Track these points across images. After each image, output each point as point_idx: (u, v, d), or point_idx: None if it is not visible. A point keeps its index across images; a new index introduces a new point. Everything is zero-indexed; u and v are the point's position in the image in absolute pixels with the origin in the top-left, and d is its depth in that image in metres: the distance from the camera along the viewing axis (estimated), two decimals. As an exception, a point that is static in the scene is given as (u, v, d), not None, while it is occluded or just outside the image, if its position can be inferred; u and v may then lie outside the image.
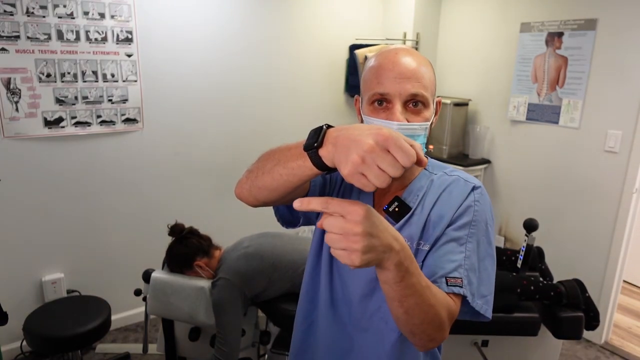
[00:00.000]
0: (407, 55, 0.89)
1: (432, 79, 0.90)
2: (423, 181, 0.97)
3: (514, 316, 1.80)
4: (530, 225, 1.96)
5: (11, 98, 2.33)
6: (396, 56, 0.89)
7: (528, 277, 1.87)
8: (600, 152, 2.77)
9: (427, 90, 0.88)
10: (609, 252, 2.79)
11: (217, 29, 2.90)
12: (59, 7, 2.36)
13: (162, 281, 1.91)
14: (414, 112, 0.88)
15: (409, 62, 0.88)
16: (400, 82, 0.86)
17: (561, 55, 2.88)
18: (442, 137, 3.41)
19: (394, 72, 0.87)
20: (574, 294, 1.81)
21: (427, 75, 0.89)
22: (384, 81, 0.88)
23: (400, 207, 0.93)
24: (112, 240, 2.81)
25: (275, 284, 1.91)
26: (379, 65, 0.90)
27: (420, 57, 0.91)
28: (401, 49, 0.91)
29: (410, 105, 0.88)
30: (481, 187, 0.94)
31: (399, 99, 0.87)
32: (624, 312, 3.25)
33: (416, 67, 0.88)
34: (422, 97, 0.87)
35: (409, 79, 0.86)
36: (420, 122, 0.89)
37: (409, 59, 0.88)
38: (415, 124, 0.88)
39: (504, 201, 3.39)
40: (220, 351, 1.76)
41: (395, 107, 0.87)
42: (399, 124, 0.86)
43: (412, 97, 0.87)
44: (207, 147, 3.04)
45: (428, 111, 0.90)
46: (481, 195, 0.93)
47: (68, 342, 1.97)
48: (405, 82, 0.86)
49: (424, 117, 0.89)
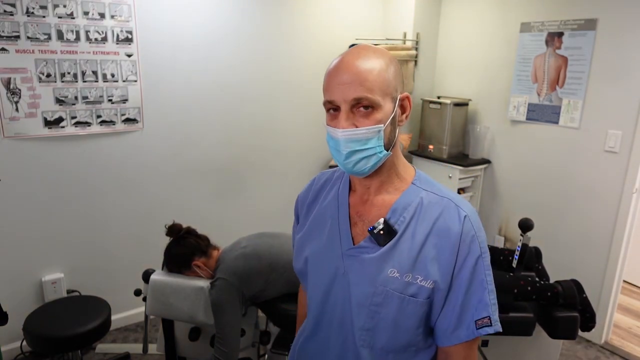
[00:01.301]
0: (354, 58, 0.86)
1: (383, 78, 0.85)
2: (411, 198, 0.93)
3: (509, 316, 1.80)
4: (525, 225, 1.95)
5: (11, 98, 2.33)
6: (341, 62, 0.87)
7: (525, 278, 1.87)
8: (600, 152, 2.77)
9: (374, 91, 0.84)
10: (609, 252, 2.79)
11: (217, 29, 2.90)
12: (59, 7, 2.36)
13: (161, 281, 1.91)
14: (363, 115, 0.85)
15: (353, 65, 0.85)
16: (342, 87, 0.84)
17: (561, 55, 2.88)
18: (442, 137, 3.41)
19: (337, 79, 0.85)
20: (571, 294, 1.81)
21: (374, 76, 0.84)
22: (330, 88, 0.87)
23: (386, 230, 0.90)
24: (112, 240, 2.81)
25: (273, 285, 1.90)
26: (328, 72, 0.89)
27: (371, 56, 0.86)
28: (350, 52, 0.88)
29: (360, 108, 0.85)
30: (473, 211, 0.93)
31: (344, 105, 0.85)
32: (624, 312, 3.25)
33: (360, 70, 0.84)
34: (367, 100, 0.84)
35: (351, 83, 0.84)
36: (371, 125, 0.85)
37: (355, 61, 0.85)
38: (363, 128, 0.85)
39: (504, 201, 3.39)
40: (220, 351, 1.76)
41: (341, 114, 0.85)
42: (342, 130, 0.85)
43: (357, 102, 0.84)
44: (206, 147, 3.04)
45: (380, 113, 0.85)
46: (477, 220, 0.91)
47: (68, 342, 1.96)
48: (347, 87, 0.84)
49: (375, 119, 0.85)
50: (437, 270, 0.88)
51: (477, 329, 0.89)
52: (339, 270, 0.95)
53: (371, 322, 0.91)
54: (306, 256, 1.02)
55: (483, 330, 0.89)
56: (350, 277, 0.93)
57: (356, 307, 0.92)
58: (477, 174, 3.46)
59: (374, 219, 0.93)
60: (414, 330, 0.91)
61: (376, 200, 0.95)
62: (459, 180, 3.32)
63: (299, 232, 1.08)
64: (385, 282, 0.89)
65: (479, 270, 0.89)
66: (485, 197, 3.50)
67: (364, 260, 0.92)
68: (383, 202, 0.94)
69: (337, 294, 0.96)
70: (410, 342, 0.92)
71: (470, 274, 0.89)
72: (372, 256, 0.91)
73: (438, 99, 3.46)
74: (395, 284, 0.89)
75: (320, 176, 1.11)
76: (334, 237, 0.97)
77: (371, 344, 0.92)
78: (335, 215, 0.99)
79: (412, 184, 0.95)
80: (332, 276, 0.96)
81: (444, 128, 3.38)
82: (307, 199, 1.09)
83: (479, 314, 0.89)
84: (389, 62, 0.88)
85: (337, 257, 0.96)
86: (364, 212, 0.96)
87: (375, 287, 0.90)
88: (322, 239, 1.00)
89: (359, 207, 0.97)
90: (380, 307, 0.90)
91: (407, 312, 0.89)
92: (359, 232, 0.95)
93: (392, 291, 0.89)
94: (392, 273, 0.89)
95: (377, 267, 0.90)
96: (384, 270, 0.90)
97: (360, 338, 0.93)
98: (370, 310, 0.91)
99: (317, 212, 1.04)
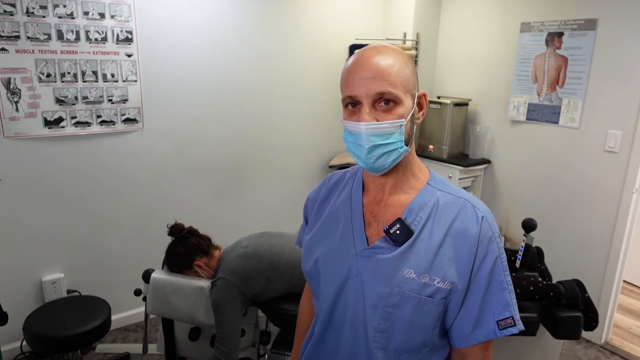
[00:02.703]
0: (375, 54, 0.87)
1: (404, 74, 0.87)
2: (427, 198, 0.92)
3: None
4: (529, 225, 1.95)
5: (11, 98, 2.33)
6: (362, 57, 0.87)
7: (527, 278, 1.87)
8: (600, 152, 2.77)
9: (397, 86, 0.85)
10: (609, 252, 2.79)
11: (217, 29, 2.90)
12: (59, 7, 2.36)
13: (161, 281, 1.91)
14: (385, 110, 0.86)
15: (375, 61, 0.86)
16: (365, 82, 0.85)
17: (561, 55, 2.88)
18: (442, 137, 3.41)
19: (359, 74, 0.86)
20: (573, 294, 1.81)
21: (396, 71, 0.86)
22: (351, 83, 0.87)
23: (402, 230, 0.89)
24: (112, 240, 2.81)
25: (274, 284, 1.90)
26: (347, 68, 0.89)
27: (390, 53, 0.88)
28: (369, 48, 0.89)
29: (381, 104, 0.86)
30: (489, 212, 0.93)
31: (366, 99, 0.85)
32: (624, 312, 3.25)
33: (382, 65, 0.85)
34: (390, 94, 0.85)
35: (374, 78, 0.84)
36: (393, 119, 0.86)
37: (375, 57, 0.86)
38: (385, 122, 0.85)
39: (504, 201, 3.39)
40: (220, 351, 1.76)
41: (363, 108, 0.86)
42: (366, 124, 0.85)
43: (380, 96, 0.85)
44: (207, 146, 3.04)
45: (402, 108, 0.86)
46: (493, 221, 0.91)
47: (68, 342, 1.96)
48: (370, 82, 0.84)
49: (397, 114, 0.86)
50: (455, 271, 0.87)
51: (500, 329, 0.88)
52: (352, 271, 0.93)
53: (386, 323, 0.90)
54: (316, 257, 1.00)
55: (507, 330, 0.89)
56: (365, 278, 0.92)
57: (370, 308, 0.91)
58: (477, 174, 3.46)
59: (389, 219, 0.92)
60: (430, 331, 0.90)
61: (391, 200, 0.94)
62: (459, 180, 3.33)
63: (308, 233, 1.06)
64: (401, 283, 0.88)
65: (497, 271, 0.89)
66: (485, 197, 3.50)
67: (379, 261, 0.91)
68: (399, 201, 0.93)
69: (348, 296, 0.94)
70: (426, 343, 0.92)
71: (489, 274, 0.88)
72: (388, 256, 0.90)
73: (438, 99, 3.46)
74: (411, 285, 0.88)
75: (332, 176, 1.10)
76: (346, 238, 0.96)
77: (385, 345, 0.91)
78: (349, 216, 0.97)
79: (427, 183, 0.94)
80: (345, 277, 0.94)
81: (444, 128, 3.38)
82: (317, 199, 1.08)
83: (501, 314, 0.89)
84: (408, 60, 0.90)
85: (351, 257, 0.94)
86: (379, 212, 0.95)
87: (391, 287, 0.89)
88: (334, 239, 0.98)
89: (372, 207, 0.96)
90: (396, 308, 0.89)
91: (423, 313, 0.88)
92: (374, 233, 0.94)
93: (409, 292, 0.88)
94: (409, 274, 0.88)
95: (393, 268, 0.89)
96: (400, 271, 0.88)
97: (374, 340, 0.91)
98: (385, 312, 0.90)
99: (328, 212, 1.02)
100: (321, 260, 0.99)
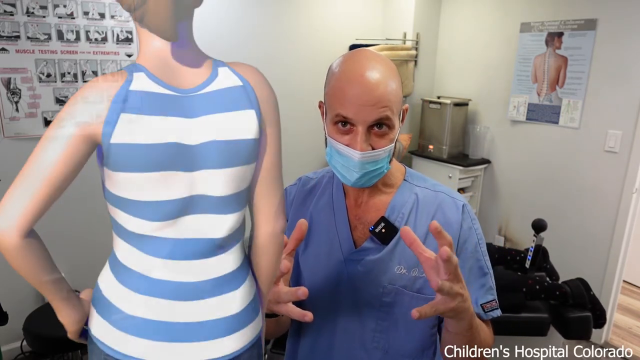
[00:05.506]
0: (374, 72, 0.81)
1: (398, 92, 0.83)
2: (406, 195, 0.93)
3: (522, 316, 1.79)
4: (539, 226, 1.96)
5: (11, 98, 2.33)
6: (362, 76, 0.81)
7: (533, 277, 1.87)
8: (600, 152, 2.77)
9: (394, 110, 0.82)
10: (609, 252, 2.79)
11: (217, 29, 2.90)
12: (59, 7, 2.36)
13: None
14: (378, 134, 0.83)
15: (376, 83, 0.80)
16: (365, 108, 0.80)
17: (561, 55, 2.88)
18: (442, 137, 3.41)
19: (359, 98, 0.80)
20: (579, 293, 1.82)
21: (394, 92, 0.82)
22: (348, 105, 0.81)
23: (387, 228, 0.89)
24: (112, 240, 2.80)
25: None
26: (339, 80, 0.84)
27: (386, 68, 0.83)
28: (366, 63, 0.82)
29: (375, 128, 0.83)
30: (465, 201, 0.95)
31: (362, 125, 0.82)
32: (624, 312, 3.25)
33: (383, 89, 0.80)
34: (387, 120, 0.82)
35: (374, 105, 0.80)
36: (385, 145, 0.84)
37: (375, 77, 0.80)
38: (379, 150, 0.83)
39: (504, 201, 3.39)
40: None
41: (359, 135, 0.82)
42: (362, 153, 0.82)
43: (378, 122, 0.82)
44: (207, 147, 3.03)
45: (393, 131, 0.85)
46: (472, 209, 0.94)
47: (68, 342, 1.94)
48: (370, 110, 0.80)
49: (389, 138, 0.84)
50: None
51: (486, 312, 0.90)
52: (342, 276, 0.93)
53: (384, 324, 0.90)
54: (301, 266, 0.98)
55: (493, 313, 0.90)
56: (356, 282, 0.92)
57: (366, 310, 0.91)
58: (477, 174, 3.46)
59: (373, 219, 0.92)
60: (428, 330, 0.91)
61: (372, 202, 0.94)
62: (459, 180, 3.32)
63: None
64: (393, 280, 0.89)
65: (478, 256, 0.90)
66: (485, 197, 3.50)
67: (368, 263, 0.91)
68: (380, 201, 0.94)
69: (339, 301, 0.93)
70: (425, 344, 0.91)
71: (470, 259, 0.90)
72: (377, 257, 0.90)
73: (438, 99, 3.46)
74: (403, 280, 0.88)
75: (307, 181, 1.07)
76: (332, 243, 0.95)
77: (386, 347, 0.91)
78: (332, 221, 0.96)
79: (404, 180, 0.95)
80: (335, 283, 0.94)
81: (444, 128, 3.38)
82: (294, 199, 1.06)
83: (484, 297, 0.90)
84: (395, 72, 0.86)
85: (339, 263, 0.93)
86: (362, 215, 0.95)
87: (383, 286, 0.89)
88: (319, 246, 0.96)
89: (356, 210, 0.96)
90: (392, 306, 0.89)
91: None
92: (360, 236, 0.94)
93: (402, 288, 0.88)
94: (399, 270, 0.89)
95: (384, 267, 0.89)
96: (390, 268, 0.89)
97: (373, 340, 0.91)
98: (381, 312, 0.90)
99: (309, 218, 0.98)
100: (305, 268, 0.98)
